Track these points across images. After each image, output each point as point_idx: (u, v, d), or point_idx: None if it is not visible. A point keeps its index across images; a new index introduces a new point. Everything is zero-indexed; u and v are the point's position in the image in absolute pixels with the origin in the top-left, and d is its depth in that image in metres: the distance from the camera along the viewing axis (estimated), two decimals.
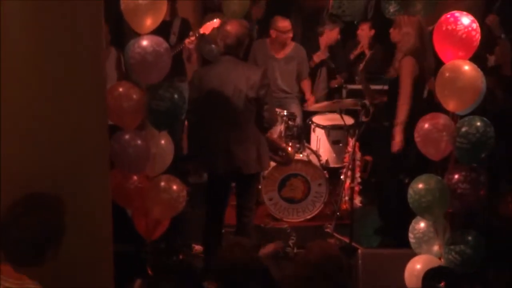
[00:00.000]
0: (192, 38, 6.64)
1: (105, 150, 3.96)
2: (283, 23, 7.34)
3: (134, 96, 4.75)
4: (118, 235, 4.22)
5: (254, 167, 5.52)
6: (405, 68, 5.98)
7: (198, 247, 6.17)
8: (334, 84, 8.18)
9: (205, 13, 7.75)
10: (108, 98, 4.49)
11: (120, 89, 4.77)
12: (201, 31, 6.60)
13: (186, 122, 7.22)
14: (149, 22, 4.68)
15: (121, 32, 6.26)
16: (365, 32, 8.20)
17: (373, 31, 8.13)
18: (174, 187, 5.00)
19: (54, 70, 3.57)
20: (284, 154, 6.08)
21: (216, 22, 6.57)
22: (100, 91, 3.88)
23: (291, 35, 7.47)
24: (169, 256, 5.79)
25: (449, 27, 4.58)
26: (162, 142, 4.96)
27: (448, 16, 4.64)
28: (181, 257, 5.88)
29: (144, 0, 4.57)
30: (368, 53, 8.19)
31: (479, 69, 4.64)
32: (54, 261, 3.32)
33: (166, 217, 5.10)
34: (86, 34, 3.72)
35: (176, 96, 4.85)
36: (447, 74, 4.63)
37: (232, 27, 5.41)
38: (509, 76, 6.66)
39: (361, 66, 8.07)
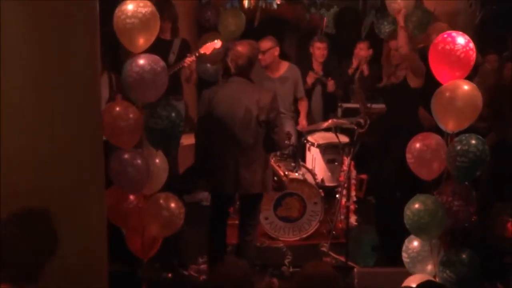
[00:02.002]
0: (192, 58, 6.66)
1: (100, 169, 3.98)
2: (263, 44, 7.35)
3: (131, 115, 4.78)
4: (114, 254, 4.23)
5: (259, 187, 5.55)
6: None
7: (194, 267, 6.16)
8: (330, 88, 8.16)
9: (200, 33, 7.80)
10: (105, 118, 4.52)
11: (117, 108, 4.79)
12: (202, 51, 6.63)
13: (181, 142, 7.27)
14: (142, 41, 4.71)
15: (111, 52, 6.28)
16: (363, 52, 8.23)
17: (371, 50, 8.17)
18: (173, 205, 5.02)
19: (50, 88, 3.60)
20: (277, 180, 6.09)
21: (217, 43, 6.60)
22: (95, 109, 3.91)
23: (274, 53, 7.47)
24: (165, 275, 5.80)
25: (447, 47, 4.62)
26: (157, 160, 4.98)
27: (445, 36, 4.68)
28: (176, 275, 5.90)
29: (136, 19, 4.60)
30: (366, 71, 8.21)
31: (477, 89, 4.68)
32: (49, 280, 3.32)
33: (164, 234, 5.12)
34: (82, 52, 3.75)
35: (173, 114, 4.88)
36: (447, 94, 4.66)
37: (243, 48, 5.44)
38: None
39: (357, 84, 8.10)
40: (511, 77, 6.77)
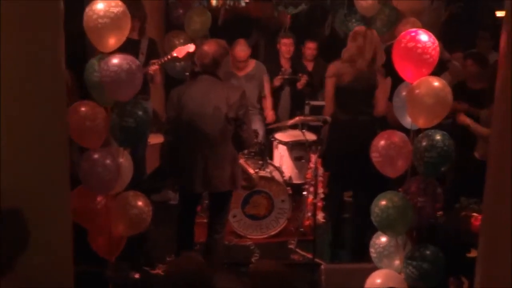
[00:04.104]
0: (156, 67, 6.63)
1: (65, 170, 3.94)
2: (239, 53, 7.35)
3: (98, 115, 4.76)
4: (80, 254, 4.21)
5: (228, 185, 5.56)
6: None
7: (162, 266, 6.15)
8: (300, 85, 8.19)
9: (167, 31, 7.79)
10: (72, 118, 4.50)
11: (83, 109, 4.77)
12: (174, 53, 6.60)
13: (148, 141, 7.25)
14: (113, 41, 4.69)
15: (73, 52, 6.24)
16: (310, 51, 8.33)
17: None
18: (140, 203, 5.02)
19: (14, 88, 3.55)
20: (247, 178, 6.10)
21: (191, 46, 6.57)
22: (60, 109, 3.87)
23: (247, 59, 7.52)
24: (132, 275, 5.79)
25: (410, 44, 4.65)
26: (123, 159, 4.97)
27: (408, 33, 4.72)
28: (144, 275, 5.89)
29: (108, 19, 4.59)
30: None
31: (447, 85, 4.72)
32: (14, 280, 3.30)
33: (132, 233, 5.10)
34: (47, 52, 3.71)
35: (142, 113, 4.89)
36: (417, 91, 4.69)
37: (209, 47, 5.46)
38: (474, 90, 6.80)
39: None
40: (471, 73, 6.84)
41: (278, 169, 7.28)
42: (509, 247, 3.08)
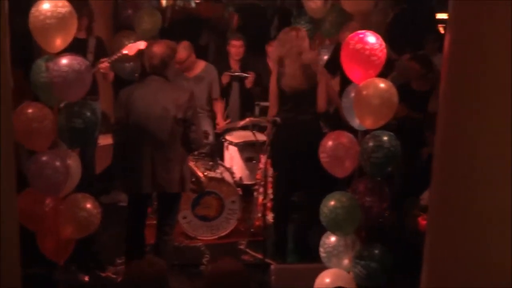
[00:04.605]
0: (106, 65, 6.56)
1: (11, 172, 3.88)
2: (178, 54, 7.29)
3: (45, 117, 4.71)
4: (29, 257, 4.16)
5: (177, 187, 5.53)
6: None
7: (112, 268, 6.11)
8: (249, 83, 8.18)
9: (116, 32, 7.73)
10: (18, 120, 4.45)
11: (30, 110, 4.71)
12: (124, 51, 6.53)
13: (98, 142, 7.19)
14: (60, 41, 4.65)
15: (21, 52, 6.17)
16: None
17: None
18: (89, 205, 4.99)
19: None
20: (196, 181, 6.09)
21: (141, 43, 6.50)
22: (5, 111, 3.82)
23: (190, 59, 7.47)
24: (81, 278, 5.74)
25: (357, 46, 4.71)
26: (71, 161, 4.92)
27: (356, 35, 4.77)
28: (93, 278, 5.84)
29: (56, 20, 4.54)
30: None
31: (393, 86, 4.79)
32: None
33: (81, 236, 5.06)
34: None
35: (91, 113, 4.87)
36: (364, 92, 4.74)
37: (157, 48, 5.44)
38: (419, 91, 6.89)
39: None
40: (416, 75, 6.93)
41: (229, 170, 7.28)
42: (454, 246, 3.13)
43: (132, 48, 6.51)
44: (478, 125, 2.96)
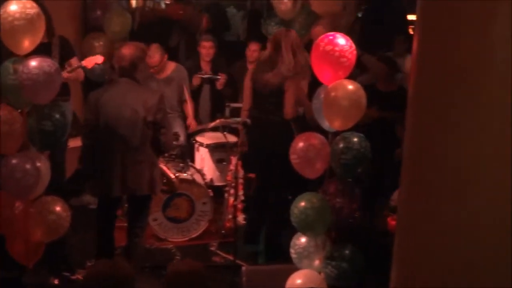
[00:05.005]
0: (67, 75, 6.47)
1: None
2: (151, 59, 7.26)
3: (15, 120, 4.68)
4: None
5: (147, 189, 5.52)
6: None
7: (82, 271, 6.06)
8: (220, 85, 8.16)
9: (87, 33, 7.68)
10: None
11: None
12: (83, 64, 6.46)
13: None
14: (27, 43, 4.62)
15: None
16: (256, 53, 8.25)
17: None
18: (59, 208, 4.96)
19: None
20: (167, 182, 6.07)
21: (99, 58, 6.43)
22: None
23: (163, 60, 7.46)
24: (51, 281, 5.69)
25: (327, 48, 4.74)
26: (41, 163, 4.89)
27: (326, 37, 4.80)
28: (63, 281, 5.80)
29: (25, 21, 4.51)
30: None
31: (362, 88, 4.82)
32: None
33: (50, 239, 5.03)
34: None
35: (60, 116, 4.85)
36: (333, 94, 4.77)
37: (126, 50, 5.42)
38: (385, 92, 6.94)
39: None
40: (381, 76, 6.99)
41: (199, 171, 7.27)
42: (422, 247, 3.15)
43: (90, 61, 6.45)
44: (447, 126, 2.98)
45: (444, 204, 3.02)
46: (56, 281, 5.78)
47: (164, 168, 6.01)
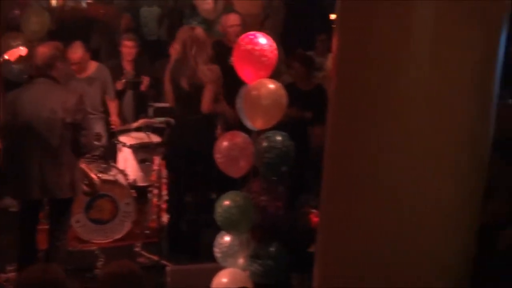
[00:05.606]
0: None
1: None
2: (73, 55, 7.14)
3: None
4: None
5: (67, 192, 5.43)
6: None
7: (2, 276, 5.94)
8: (144, 87, 8.10)
9: (4, 32, 7.51)
10: None
11: None
12: (6, 56, 6.34)
13: None
14: None
15: None
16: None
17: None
18: None
19: None
20: (89, 183, 5.99)
21: (22, 50, 6.32)
22: None
23: (85, 59, 7.36)
24: None
25: (248, 47, 4.76)
26: None
27: (247, 36, 4.83)
28: None
29: None
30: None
31: (282, 87, 4.86)
32: None
33: None
34: None
35: None
36: (254, 93, 4.79)
37: (43, 49, 5.34)
38: (304, 91, 7.01)
39: None
40: (299, 75, 7.06)
41: (122, 172, 7.19)
42: (345, 244, 3.18)
43: (13, 53, 6.34)
44: (367, 124, 3.02)
45: (365, 203, 3.04)
46: None
47: (86, 169, 5.92)
